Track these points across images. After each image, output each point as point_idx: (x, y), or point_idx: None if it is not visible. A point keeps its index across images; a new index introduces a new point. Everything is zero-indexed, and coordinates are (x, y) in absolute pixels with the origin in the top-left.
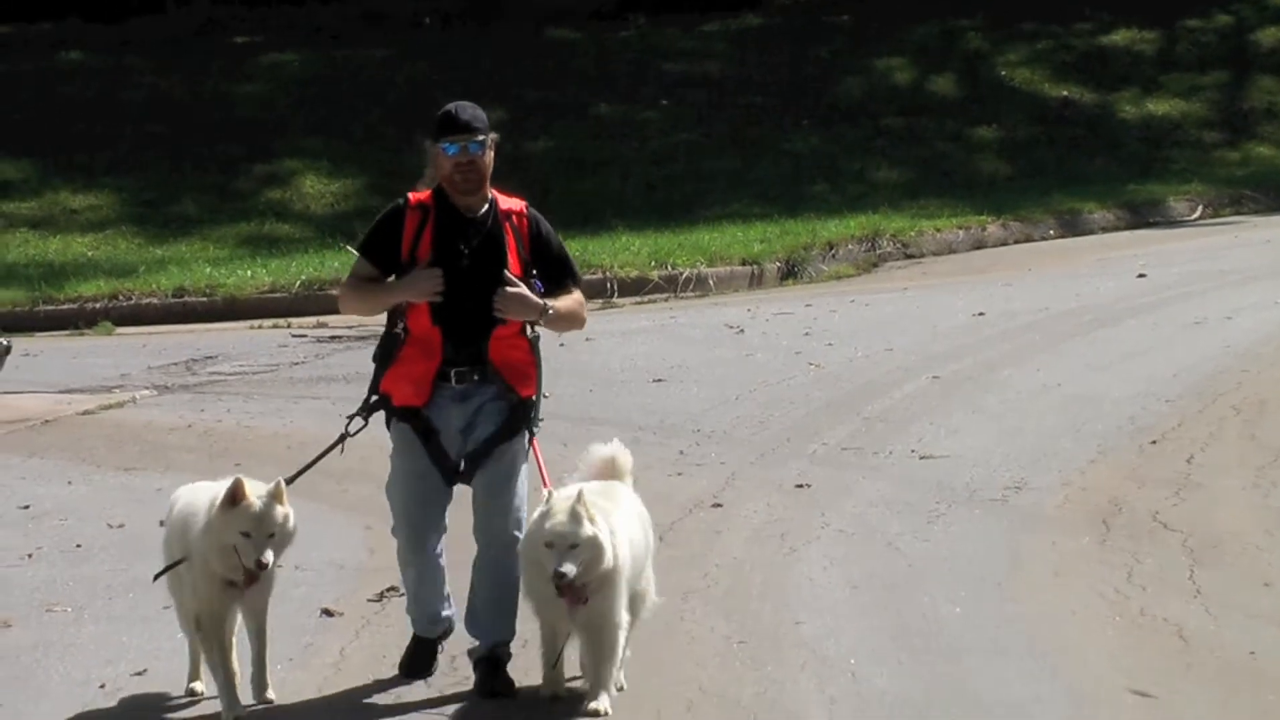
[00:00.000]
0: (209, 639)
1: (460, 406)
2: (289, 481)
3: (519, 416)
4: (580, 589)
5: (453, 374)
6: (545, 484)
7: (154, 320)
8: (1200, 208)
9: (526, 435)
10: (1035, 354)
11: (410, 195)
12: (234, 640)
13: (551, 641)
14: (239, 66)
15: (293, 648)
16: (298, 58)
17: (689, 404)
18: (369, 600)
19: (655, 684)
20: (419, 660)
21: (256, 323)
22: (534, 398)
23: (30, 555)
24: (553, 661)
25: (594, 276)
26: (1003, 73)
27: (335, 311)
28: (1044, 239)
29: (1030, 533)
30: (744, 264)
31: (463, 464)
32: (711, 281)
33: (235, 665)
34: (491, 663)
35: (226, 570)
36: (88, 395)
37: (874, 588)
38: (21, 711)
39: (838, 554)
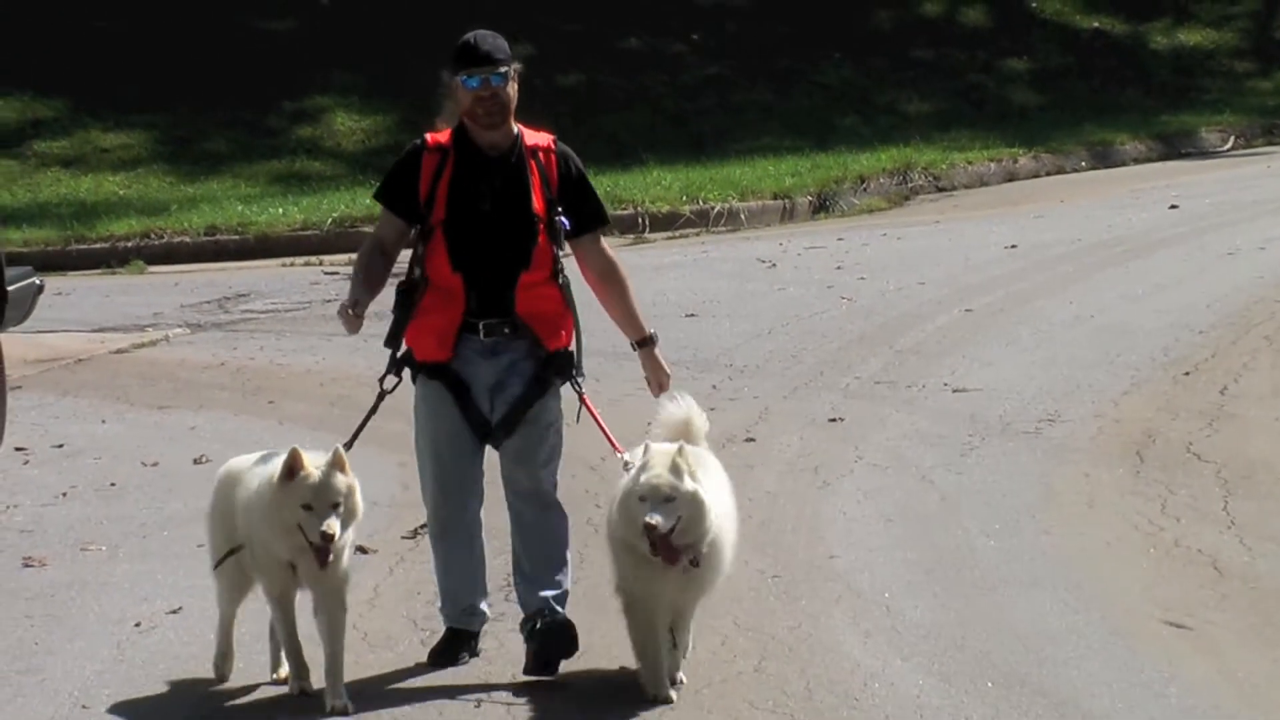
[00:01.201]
0: (277, 619)
1: (490, 362)
2: (345, 448)
3: (549, 373)
4: (677, 548)
5: (481, 326)
6: (615, 447)
7: (186, 258)
8: (1232, 138)
9: (558, 390)
10: (1068, 286)
11: (428, 136)
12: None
13: (649, 627)
14: (269, 1)
15: None
16: None
17: (721, 338)
18: (403, 537)
19: None
20: (448, 651)
21: (288, 260)
22: (568, 349)
23: (65, 494)
24: (659, 654)
25: (625, 212)
26: (1034, 3)
27: None
28: (1076, 170)
29: (1064, 464)
30: (775, 198)
31: (492, 423)
32: (743, 215)
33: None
34: (554, 628)
35: (292, 553)
36: (121, 334)
37: (908, 521)
38: (57, 649)
39: (871, 487)
